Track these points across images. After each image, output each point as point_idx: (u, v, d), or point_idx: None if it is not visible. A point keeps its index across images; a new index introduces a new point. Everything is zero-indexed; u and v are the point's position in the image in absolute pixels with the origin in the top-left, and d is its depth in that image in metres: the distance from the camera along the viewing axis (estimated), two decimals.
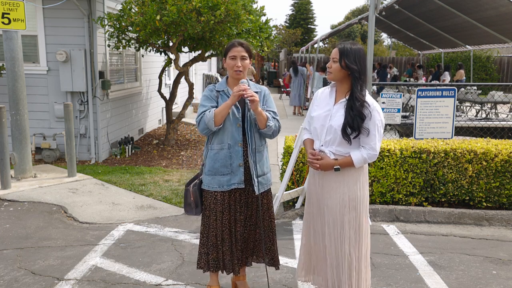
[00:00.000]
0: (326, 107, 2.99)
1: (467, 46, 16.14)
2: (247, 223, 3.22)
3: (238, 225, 3.18)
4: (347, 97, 2.89)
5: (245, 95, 2.94)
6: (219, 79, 3.71)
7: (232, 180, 3.10)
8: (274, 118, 3.16)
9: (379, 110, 2.86)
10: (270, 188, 3.30)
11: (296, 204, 5.46)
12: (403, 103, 10.79)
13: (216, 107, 3.06)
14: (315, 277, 3.22)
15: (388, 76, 18.09)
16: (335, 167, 2.90)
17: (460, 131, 7.64)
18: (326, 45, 39.07)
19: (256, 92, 3.14)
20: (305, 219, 3.21)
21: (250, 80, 3.11)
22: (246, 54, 3.07)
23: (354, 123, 2.80)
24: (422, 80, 17.17)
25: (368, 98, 2.89)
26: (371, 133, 2.84)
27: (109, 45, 7.94)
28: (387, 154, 5.21)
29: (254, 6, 8.06)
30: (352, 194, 2.91)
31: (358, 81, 2.84)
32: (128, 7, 7.29)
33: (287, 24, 47.26)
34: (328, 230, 2.99)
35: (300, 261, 3.28)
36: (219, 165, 3.10)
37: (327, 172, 2.97)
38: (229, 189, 3.12)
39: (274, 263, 3.34)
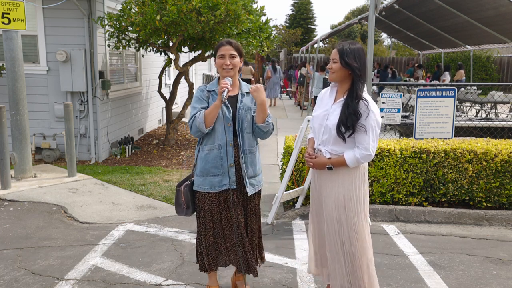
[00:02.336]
0: (325, 106, 3.02)
1: (467, 46, 16.15)
2: (238, 224, 3.18)
3: (232, 225, 3.17)
4: (345, 96, 2.90)
5: (224, 90, 2.89)
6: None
7: (224, 180, 3.07)
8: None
9: (375, 110, 2.86)
10: (260, 189, 3.27)
11: (296, 204, 5.46)
12: (403, 103, 10.80)
13: (208, 107, 3.02)
14: (324, 270, 3.27)
15: (389, 76, 18.12)
16: (327, 166, 2.92)
17: (460, 131, 7.64)
18: (326, 45, 39.07)
19: (247, 93, 3.14)
20: (310, 215, 3.27)
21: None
22: (235, 53, 3.04)
23: (348, 121, 2.80)
24: (422, 81, 17.17)
25: (367, 96, 2.90)
26: (364, 133, 2.84)
27: (109, 45, 7.94)
28: (387, 154, 5.21)
29: (254, 6, 8.06)
30: (347, 194, 2.92)
31: (360, 79, 2.85)
32: (128, 7, 7.29)
33: (287, 24, 47.27)
34: (327, 228, 3.01)
35: (310, 255, 3.32)
36: (210, 166, 3.07)
37: (323, 171, 3.00)
38: (221, 190, 3.09)
39: (250, 269, 3.18)
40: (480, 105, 12.68)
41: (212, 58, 16.23)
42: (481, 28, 12.60)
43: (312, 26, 47.84)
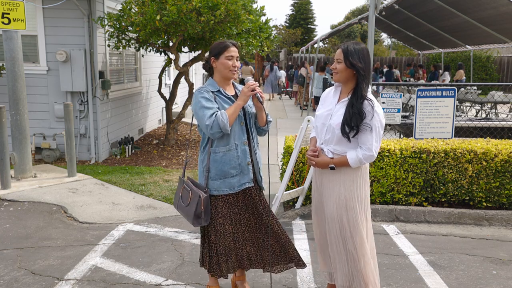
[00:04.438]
0: (329, 106, 3.02)
1: (467, 46, 16.14)
2: (258, 222, 3.19)
3: (251, 224, 3.17)
4: (349, 96, 2.89)
5: (258, 92, 2.96)
6: (208, 81, 3.65)
7: (242, 180, 3.07)
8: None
9: (379, 111, 2.86)
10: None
11: (296, 204, 5.46)
12: (403, 103, 10.80)
13: (218, 108, 3.02)
14: (327, 268, 3.28)
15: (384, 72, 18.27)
16: (330, 165, 2.92)
17: (460, 131, 7.64)
18: (326, 45, 39.07)
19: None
20: (312, 214, 3.27)
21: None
22: (238, 55, 3.08)
23: (353, 121, 2.80)
24: (422, 81, 17.19)
25: (372, 97, 2.89)
26: (368, 133, 2.83)
27: (109, 45, 7.94)
28: (387, 154, 5.21)
29: (254, 6, 8.06)
30: (349, 194, 2.92)
31: (364, 79, 2.84)
32: (128, 7, 7.29)
33: (287, 24, 47.27)
34: (328, 228, 3.01)
35: (318, 252, 3.34)
36: (228, 167, 3.03)
37: (325, 170, 2.99)
38: (240, 189, 3.08)
39: (300, 262, 3.25)
40: (480, 105, 12.68)
41: None
42: (481, 28, 12.60)
43: (312, 26, 47.83)
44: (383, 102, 5.79)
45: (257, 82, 3.04)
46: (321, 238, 3.21)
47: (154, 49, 8.36)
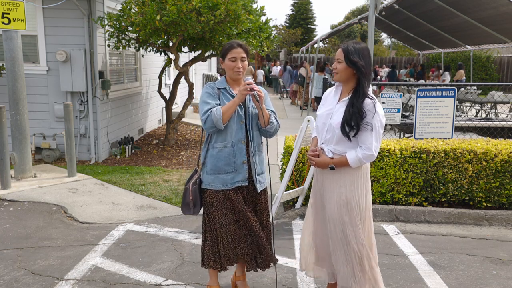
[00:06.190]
0: (330, 105, 3.01)
1: (467, 46, 16.15)
2: (251, 221, 3.20)
3: (245, 221, 3.17)
4: (349, 95, 2.89)
5: (255, 89, 2.94)
6: (219, 79, 3.72)
7: (236, 178, 3.09)
8: (274, 117, 3.18)
9: (380, 111, 2.85)
10: (266, 187, 3.29)
11: (296, 204, 5.46)
12: (403, 103, 10.80)
13: (219, 104, 3.04)
14: (317, 269, 3.26)
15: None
16: (329, 165, 2.91)
17: (460, 131, 7.64)
18: (326, 45, 39.09)
19: None
20: (309, 212, 3.23)
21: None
22: (245, 55, 3.07)
23: (353, 120, 2.79)
24: (422, 81, 17.20)
25: (373, 95, 2.89)
26: (368, 132, 2.83)
27: (109, 45, 7.94)
28: (387, 154, 5.21)
29: (254, 6, 8.06)
30: (349, 194, 2.91)
31: (365, 77, 2.83)
32: (128, 7, 7.29)
33: (287, 24, 47.29)
34: (330, 229, 3.01)
35: (302, 253, 3.30)
36: (222, 164, 3.07)
37: (325, 171, 2.99)
38: (233, 187, 3.10)
39: (268, 262, 3.29)
40: (480, 105, 12.68)
41: (213, 58, 16.00)
42: (481, 28, 12.60)
43: (312, 26, 47.85)
44: (383, 102, 5.79)
45: (253, 81, 3.02)
46: (320, 239, 3.19)
47: (154, 49, 8.36)
